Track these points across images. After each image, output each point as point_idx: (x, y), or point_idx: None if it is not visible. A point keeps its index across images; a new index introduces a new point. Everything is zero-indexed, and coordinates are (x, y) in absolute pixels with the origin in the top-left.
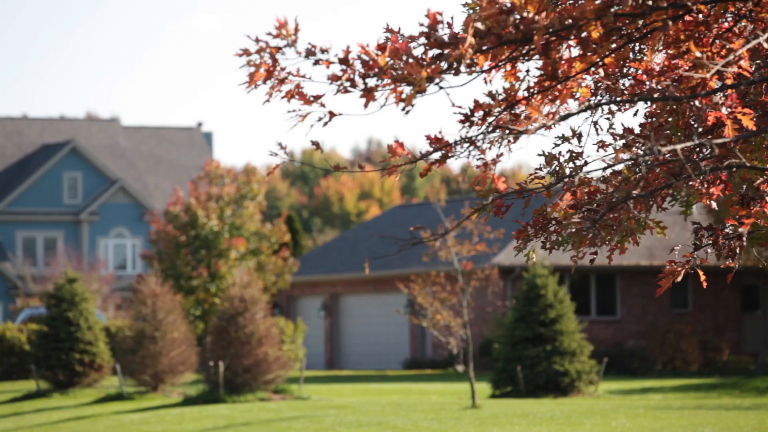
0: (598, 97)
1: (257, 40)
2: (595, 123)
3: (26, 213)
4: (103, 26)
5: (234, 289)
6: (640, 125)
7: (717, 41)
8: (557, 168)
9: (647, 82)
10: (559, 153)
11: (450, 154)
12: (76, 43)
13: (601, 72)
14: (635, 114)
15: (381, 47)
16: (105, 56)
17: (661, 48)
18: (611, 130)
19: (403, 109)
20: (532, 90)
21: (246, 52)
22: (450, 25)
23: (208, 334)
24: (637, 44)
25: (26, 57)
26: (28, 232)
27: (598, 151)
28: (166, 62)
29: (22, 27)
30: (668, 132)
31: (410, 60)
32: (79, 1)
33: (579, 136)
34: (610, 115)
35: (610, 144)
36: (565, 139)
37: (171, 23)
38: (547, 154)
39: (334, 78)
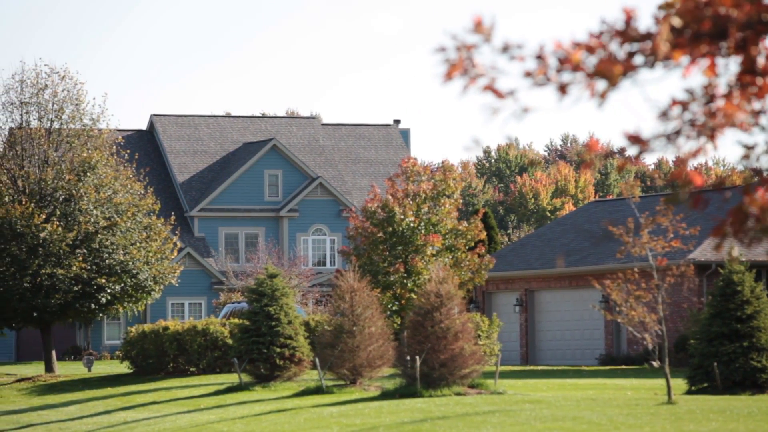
0: None
1: (454, 37)
2: None
3: (228, 210)
4: (301, 28)
5: (430, 285)
6: None
7: None
8: (755, 160)
9: None
10: (755, 144)
11: (646, 151)
12: (277, 44)
13: None
14: None
15: (575, 43)
16: (304, 56)
17: None
18: None
19: (598, 104)
20: (731, 86)
21: (443, 49)
22: (657, 20)
23: (404, 329)
24: None
25: (230, 58)
26: (230, 228)
27: None
28: (361, 61)
29: (228, 31)
30: None
31: (605, 55)
32: (279, 4)
33: None
34: None
35: None
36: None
37: (354, 22)
38: (744, 145)
39: (528, 73)
